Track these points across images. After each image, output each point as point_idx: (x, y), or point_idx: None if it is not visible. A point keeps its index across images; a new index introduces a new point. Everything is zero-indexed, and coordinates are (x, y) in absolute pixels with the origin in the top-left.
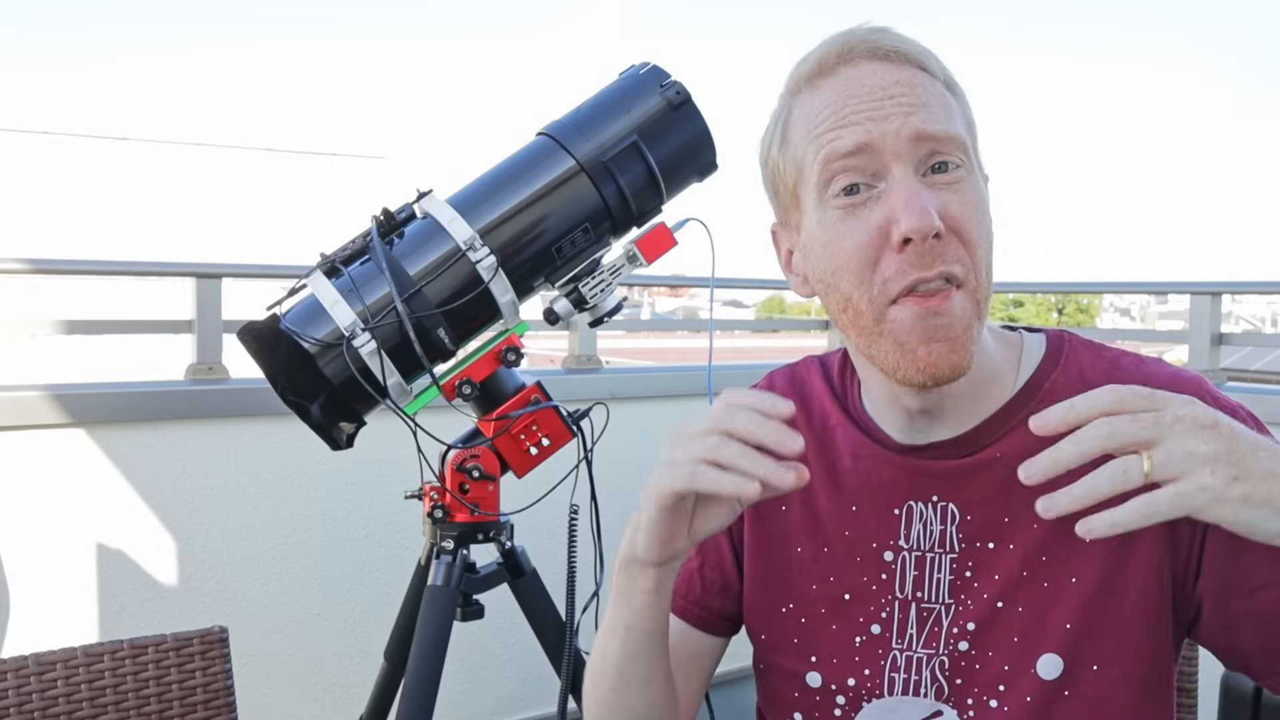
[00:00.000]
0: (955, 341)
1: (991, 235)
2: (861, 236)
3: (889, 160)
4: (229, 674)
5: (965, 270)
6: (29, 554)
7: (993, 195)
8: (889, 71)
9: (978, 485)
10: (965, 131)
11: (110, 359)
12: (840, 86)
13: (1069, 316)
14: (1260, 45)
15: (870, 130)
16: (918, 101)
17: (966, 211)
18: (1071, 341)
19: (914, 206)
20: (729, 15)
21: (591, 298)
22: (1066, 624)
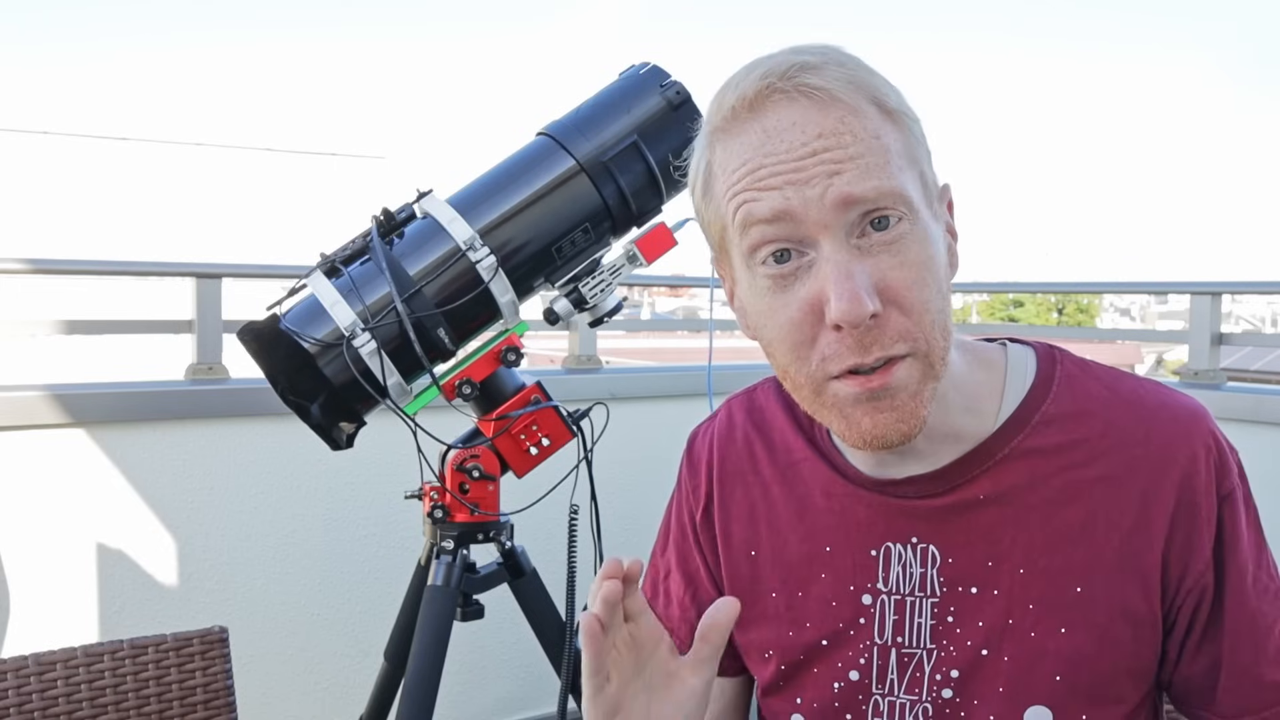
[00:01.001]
0: (902, 410)
1: (943, 285)
2: (795, 313)
3: (814, 231)
4: (229, 674)
5: (911, 344)
6: (29, 553)
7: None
8: (811, 118)
9: (959, 526)
10: (905, 173)
11: (110, 359)
12: (757, 137)
13: (1069, 316)
14: (1260, 45)
15: (789, 197)
16: (845, 156)
17: (909, 278)
18: (1064, 364)
19: (844, 292)
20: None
21: (591, 298)
22: (1056, 676)
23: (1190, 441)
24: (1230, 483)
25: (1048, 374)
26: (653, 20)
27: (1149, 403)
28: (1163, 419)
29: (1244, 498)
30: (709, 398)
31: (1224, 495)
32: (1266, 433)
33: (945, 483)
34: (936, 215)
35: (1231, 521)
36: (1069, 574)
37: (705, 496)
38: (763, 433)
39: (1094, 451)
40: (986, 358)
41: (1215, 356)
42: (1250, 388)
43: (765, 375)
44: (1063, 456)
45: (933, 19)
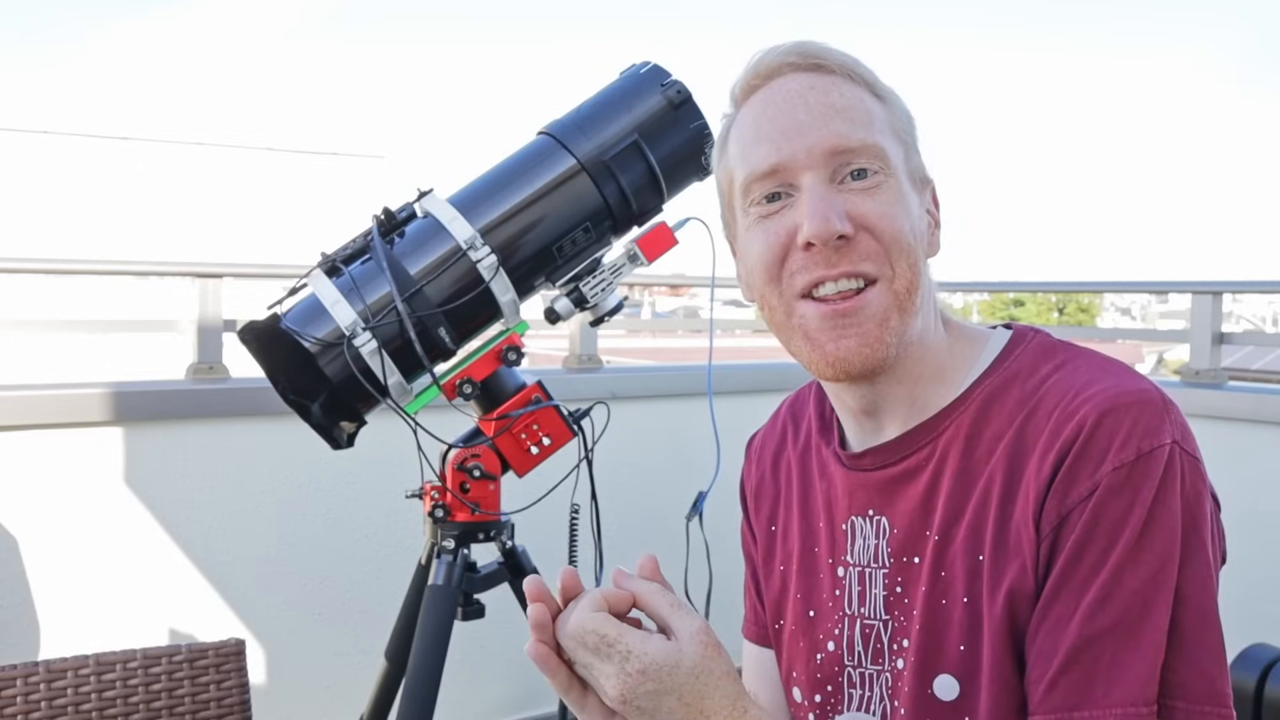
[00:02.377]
0: (866, 335)
1: (917, 233)
2: (773, 238)
3: (800, 171)
4: (245, 688)
5: (878, 267)
6: (29, 552)
7: (945, 193)
8: (808, 81)
9: (904, 496)
10: (888, 139)
11: (110, 359)
12: (763, 100)
13: (1069, 316)
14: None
15: (782, 149)
16: (832, 111)
17: (880, 210)
18: (1029, 344)
19: (817, 212)
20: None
21: (592, 297)
22: (960, 645)
23: (1076, 418)
24: (1094, 476)
25: (1006, 354)
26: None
27: (1078, 384)
28: (1076, 400)
29: (1121, 498)
30: (709, 397)
31: (1072, 479)
32: (1267, 432)
33: (896, 453)
34: (918, 193)
35: (1079, 514)
36: (972, 542)
37: (753, 478)
38: (795, 421)
39: (1008, 428)
40: (971, 336)
41: (1216, 356)
42: (1251, 387)
43: (764, 375)
44: (985, 430)
45: (931, 18)
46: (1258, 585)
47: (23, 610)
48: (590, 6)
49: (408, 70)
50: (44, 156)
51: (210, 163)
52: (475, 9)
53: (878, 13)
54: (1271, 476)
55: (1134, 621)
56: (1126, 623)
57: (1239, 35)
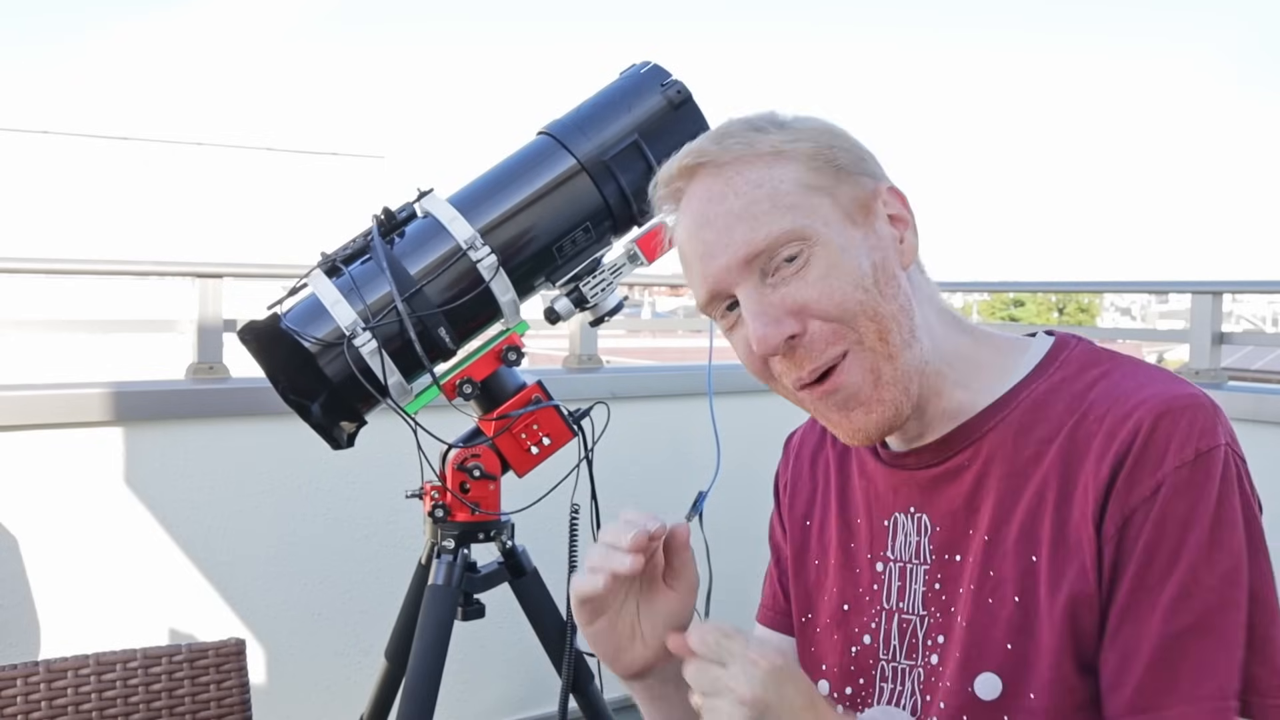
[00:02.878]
0: (869, 404)
1: (873, 276)
2: (744, 349)
3: (732, 287)
4: (245, 688)
5: (843, 344)
6: (29, 553)
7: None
8: (705, 191)
9: (946, 495)
10: (797, 208)
11: (110, 359)
12: (683, 221)
13: (1069, 316)
14: (1263, 43)
15: (706, 277)
16: (731, 218)
17: (816, 291)
18: (1072, 350)
19: (756, 329)
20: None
21: (592, 297)
22: (1007, 644)
23: (1131, 420)
24: (1155, 476)
25: (1052, 357)
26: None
27: (1127, 388)
28: (1128, 403)
29: (1186, 497)
30: (709, 397)
31: (1133, 481)
32: (1267, 432)
33: (938, 454)
34: (861, 226)
35: (1144, 515)
36: (1025, 544)
37: (789, 472)
38: None
39: (1060, 431)
40: (1001, 342)
41: (1216, 356)
42: (1251, 387)
43: None
44: (1033, 433)
45: (931, 18)
46: None
47: (23, 610)
48: (590, 6)
49: (408, 70)
50: (44, 156)
51: (210, 163)
52: (475, 9)
53: (877, 13)
54: (1271, 476)
55: (1215, 617)
56: (1208, 619)
57: (1239, 35)
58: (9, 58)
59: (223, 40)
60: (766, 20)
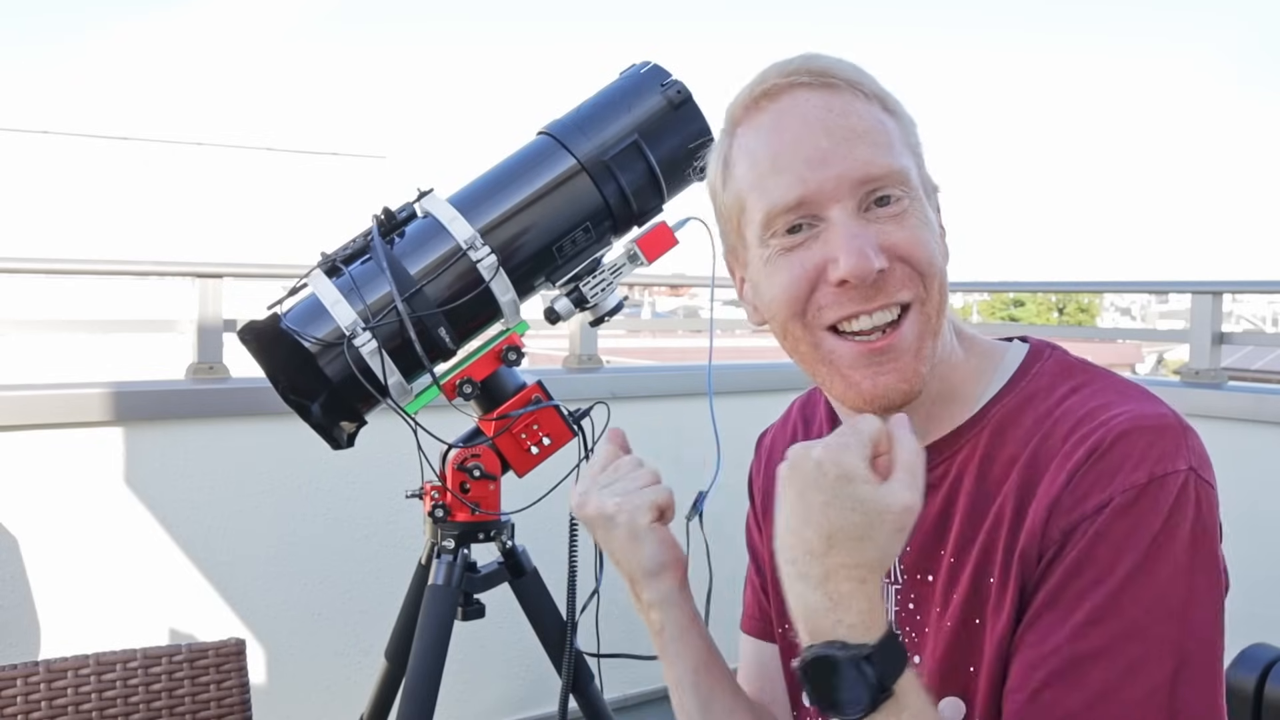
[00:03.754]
0: (904, 370)
1: (943, 252)
2: (799, 270)
3: (827, 203)
4: (245, 688)
5: (914, 292)
6: (29, 553)
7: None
8: (823, 101)
9: (919, 514)
10: (906, 157)
11: (110, 359)
12: (775, 123)
13: (1069, 316)
14: (1263, 43)
15: (807, 180)
16: (854, 135)
17: (912, 237)
18: (1047, 361)
19: (852, 249)
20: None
21: (592, 297)
22: (970, 667)
23: (1091, 440)
24: (1104, 493)
25: (1023, 372)
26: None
27: (1094, 407)
28: (1093, 423)
29: (1127, 520)
30: (709, 397)
31: (1081, 495)
32: (1268, 432)
33: None
34: (933, 206)
35: (1084, 532)
36: (985, 565)
37: (761, 476)
38: (806, 423)
39: (1022, 450)
40: (984, 350)
41: (1216, 356)
42: (1251, 387)
43: (764, 375)
44: (1000, 453)
45: (931, 18)
46: (1257, 585)
47: (23, 610)
48: (590, 6)
49: (408, 70)
50: (44, 156)
51: (210, 163)
52: (475, 9)
53: (877, 13)
54: (1271, 476)
55: (1128, 647)
56: (1118, 649)
57: (1239, 35)
58: (9, 58)
59: (223, 40)
60: (766, 20)
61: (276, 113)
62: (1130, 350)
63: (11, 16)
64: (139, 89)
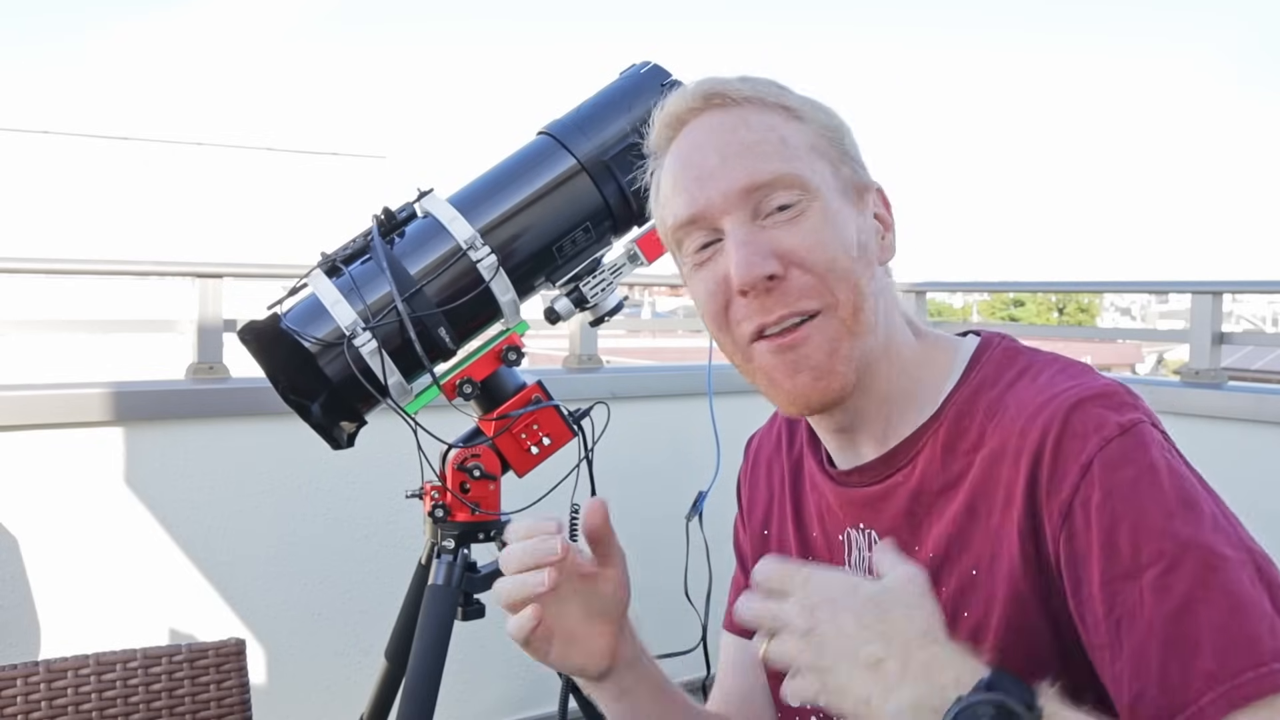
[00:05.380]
0: (819, 370)
1: (858, 249)
2: (712, 286)
3: (719, 216)
4: (245, 688)
5: (818, 299)
6: (29, 553)
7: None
8: (716, 121)
9: (889, 512)
10: (806, 161)
11: (110, 359)
12: (676, 149)
13: (1069, 316)
14: (1263, 43)
15: (696, 197)
16: (741, 148)
17: (807, 241)
18: (994, 350)
19: (741, 259)
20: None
21: (592, 297)
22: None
23: (1042, 417)
24: (1079, 460)
25: (972, 364)
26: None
27: (1039, 386)
28: (1039, 400)
29: (1124, 470)
30: (709, 397)
31: (1058, 473)
32: (1267, 432)
33: (880, 471)
34: (855, 205)
35: (1083, 503)
36: (966, 557)
37: (748, 479)
38: (790, 428)
39: (982, 439)
40: (942, 347)
41: (1216, 356)
42: (1251, 387)
43: None
44: (959, 444)
45: (931, 18)
46: None
47: (23, 610)
48: (590, 6)
49: (408, 70)
50: (44, 156)
51: (210, 163)
52: (475, 9)
53: (876, 13)
54: (1271, 476)
55: (1216, 576)
56: (1208, 580)
57: (1239, 35)
58: (9, 58)
59: (223, 40)
60: (766, 20)
61: (276, 113)
62: (1130, 350)
63: (11, 16)
64: (139, 89)
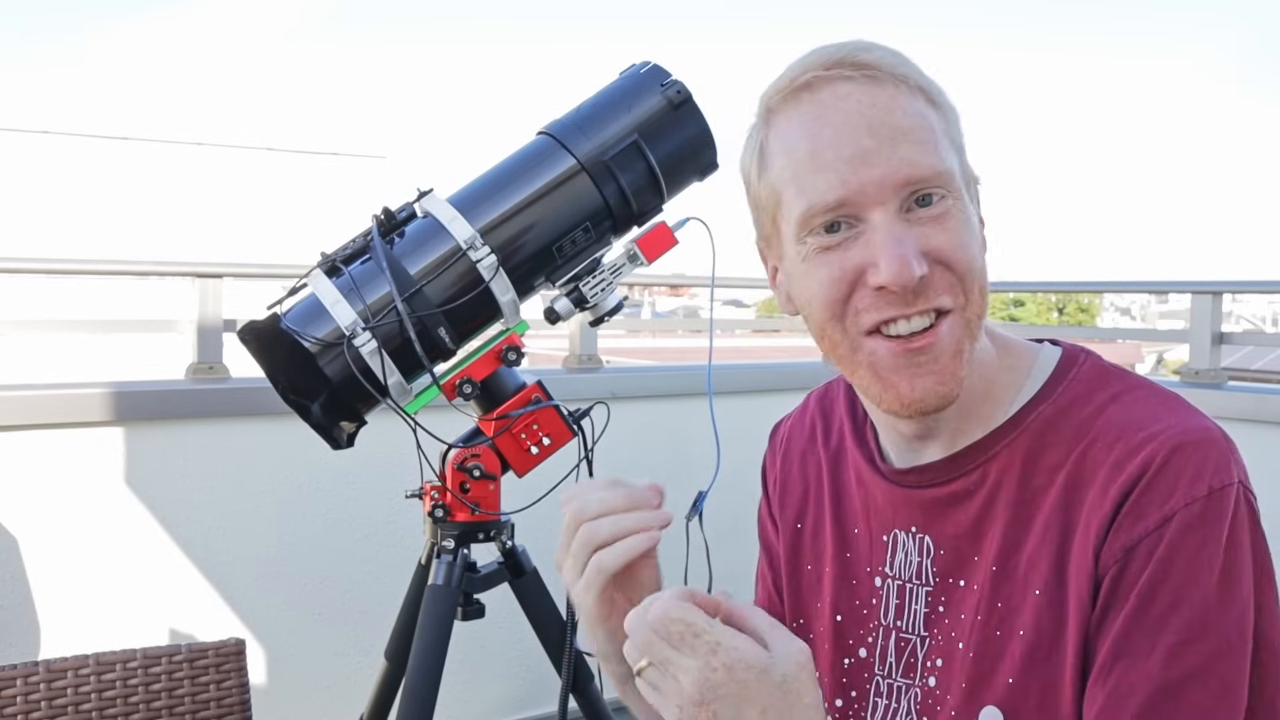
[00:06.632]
0: (942, 373)
1: (982, 255)
2: (837, 272)
3: (869, 205)
4: (245, 688)
5: (953, 299)
6: (29, 553)
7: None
8: (867, 96)
9: (951, 519)
10: (949, 154)
11: (110, 359)
12: (816, 116)
13: (1069, 316)
14: (1263, 43)
15: (848, 181)
16: (899, 134)
17: (954, 241)
18: (1083, 367)
19: (893, 255)
20: None
21: (592, 297)
22: (1009, 678)
23: (1141, 455)
24: (1163, 509)
25: (1062, 374)
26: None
27: (1138, 417)
28: (1140, 434)
29: (1197, 534)
30: (709, 397)
31: (1139, 513)
32: (1268, 432)
33: (944, 474)
34: (974, 200)
35: (1149, 549)
36: (1031, 576)
37: (777, 467)
38: (825, 419)
39: (1067, 459)
40: (1017, 351)
41: (1216, 356)
42: (1251, 387)
43: (764, 375)
44: (1041, 460)
45: (932, 17)
46: None
47: (23, 610)
48: (590, 6)
49: (408, 70)
50: (44, 156)
51: (210, 163)
52: (475, 9)
53: (877, 13)
54: (1271, 476)
55: (1221, 665)
56: (1212, 666)
57: (1239, 35)
58: (9, 58)
59: (223, 40)
60: (766, 20)
61: (276, 113)
62: (1130, 350)
63: (11, 16)
64: (139, 89)
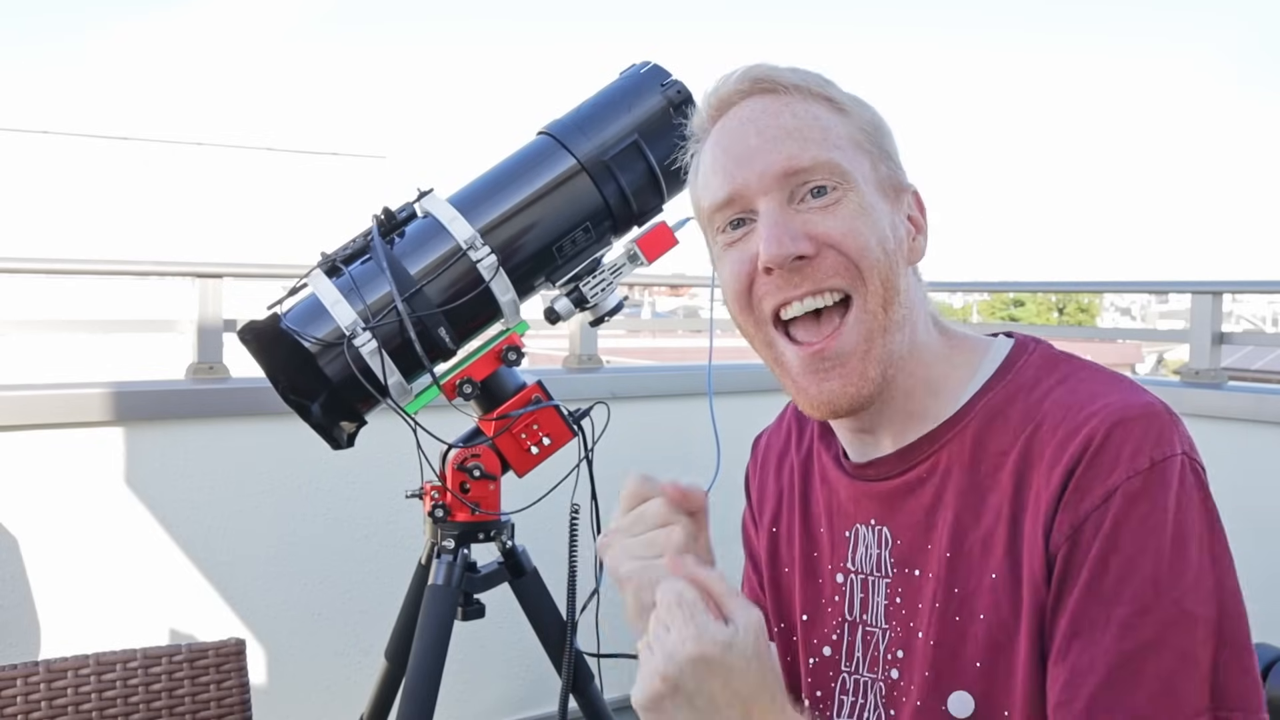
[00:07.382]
0: (849, 373)
1: (892, 243)
2: (738, 266)
3: (755, 197)
4: (245, 688)
5: (848, 282)
6: (29, 553)
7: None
8: (761, 105)
9: (906, 508)
10: (846, 152)
11: (110, 359)
12: (719, 131)
13: (1069, 316)
14: (1263, 43)
15: (735, 176)
16: (783, 133)
17: (843, 228)
18: (1031, 356)
19: (770, 236)
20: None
21: (592, 297)
22: (976, 662)
23: (1084, 431)
24: (1106, 483)
25: (1011, 363)
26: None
27: (1082, 397)
28: (1082, 413)
29: (1141, 505)
30: (709, 397)
31: (1083, 489)
32: (1268, 432)
33: (898, 465)
34: (890, 203)
35: (1095, 525)
36: (986, 560)
37: (756, 477)
38: (800, 425)
39: (1016, 443)
40: (969, 345)
41: (1216, 356)
42: (1251, 387)
43: (764, 375)
44: (989, 445)
45: (931, 18)
46: (1257, 585)
47: (23, 610)
48: (590, 6)
49: (408, 70)
50: (44, 156)
51: (210, 163)
52: (475, 9)
53: (876, 12)
54: (1271, 476)
55: (1175, 633)
56: (1166, 635)
57: (1239, 35)
58: (9, 58)
59: (223, 40)
60: (766, 20)
61: (276, 113)
62: (1130, 350)
63: (11, 16)
64: (139, 89)
